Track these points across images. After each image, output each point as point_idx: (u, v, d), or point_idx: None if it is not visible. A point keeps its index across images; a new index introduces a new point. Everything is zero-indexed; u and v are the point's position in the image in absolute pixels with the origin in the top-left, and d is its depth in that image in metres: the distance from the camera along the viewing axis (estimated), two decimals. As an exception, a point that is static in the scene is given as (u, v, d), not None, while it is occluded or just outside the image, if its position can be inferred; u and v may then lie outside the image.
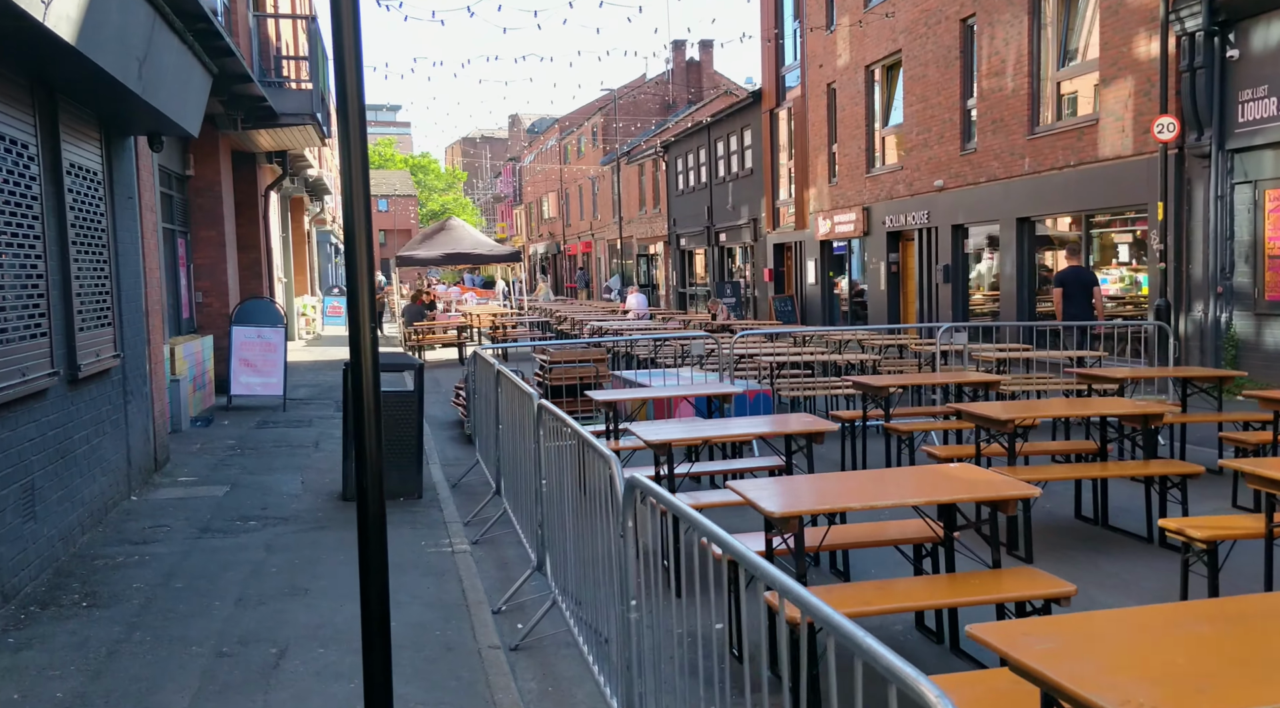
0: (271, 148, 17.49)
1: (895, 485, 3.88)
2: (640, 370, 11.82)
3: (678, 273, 35.90)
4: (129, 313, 7.33)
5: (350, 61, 2.75)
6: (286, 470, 8.39)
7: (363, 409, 2.94)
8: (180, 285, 13.22)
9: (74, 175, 6.13)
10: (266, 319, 12.94)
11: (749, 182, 28.00)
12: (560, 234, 57.77)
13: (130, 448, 7.22)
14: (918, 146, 18.13)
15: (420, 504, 7.14)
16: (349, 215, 2.90)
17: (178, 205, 13.24)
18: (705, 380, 9.61)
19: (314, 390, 15.05)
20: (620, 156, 41.53)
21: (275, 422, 11.52)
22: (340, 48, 2.76)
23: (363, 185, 2.91)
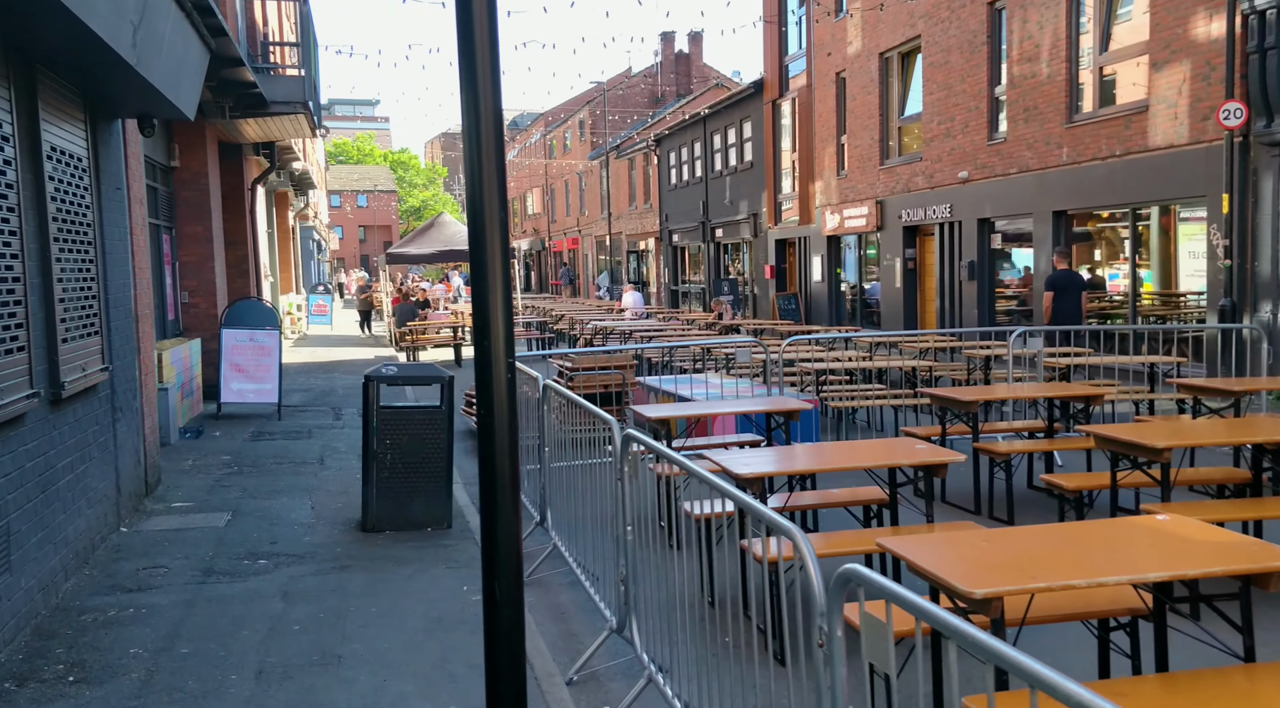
0: (258, 139, 16.52)
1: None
2: (665, 377, 11.03)
3: (670, 270, 35.11)
4: (117, 319, 6.44)
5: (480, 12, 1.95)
6: (293, 493, 7.53)
7: (494, 447, 2.13)
8: (165, 285, 12.27)
9: (56, 161, 5.25)
10: (259, 321, 12.03)
11: (748, 175, 27.25)
12: (545, 230, 56.80)
13: (120, 473, 6.34)
14: (938, 137, 17.44)
15: (451, 536, 6.31)
16: (476, 197, 2.10)
17: (162, 199, 12.28)
18: (750, 391, 8.83)
19: (308, 396, 14.14)
20: (610, 151, 40.68)
21: (272, 433, 10.62)
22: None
23: (495, 161, 2.10)
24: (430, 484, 6.47)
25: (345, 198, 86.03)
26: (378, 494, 6.38)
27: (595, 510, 4.81)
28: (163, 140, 12.38)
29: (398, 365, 6.61)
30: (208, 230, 13.17)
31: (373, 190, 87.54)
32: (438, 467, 6.49)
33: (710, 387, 9.36)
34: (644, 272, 39.60)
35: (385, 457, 6.39)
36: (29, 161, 4.88)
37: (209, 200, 13.17)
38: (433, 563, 5.69)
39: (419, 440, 6.45)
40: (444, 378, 6.56)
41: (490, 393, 2.16)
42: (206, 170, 13.15)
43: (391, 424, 6.40)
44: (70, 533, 5.24)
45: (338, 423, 11.56)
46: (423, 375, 6.68)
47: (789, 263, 25.50)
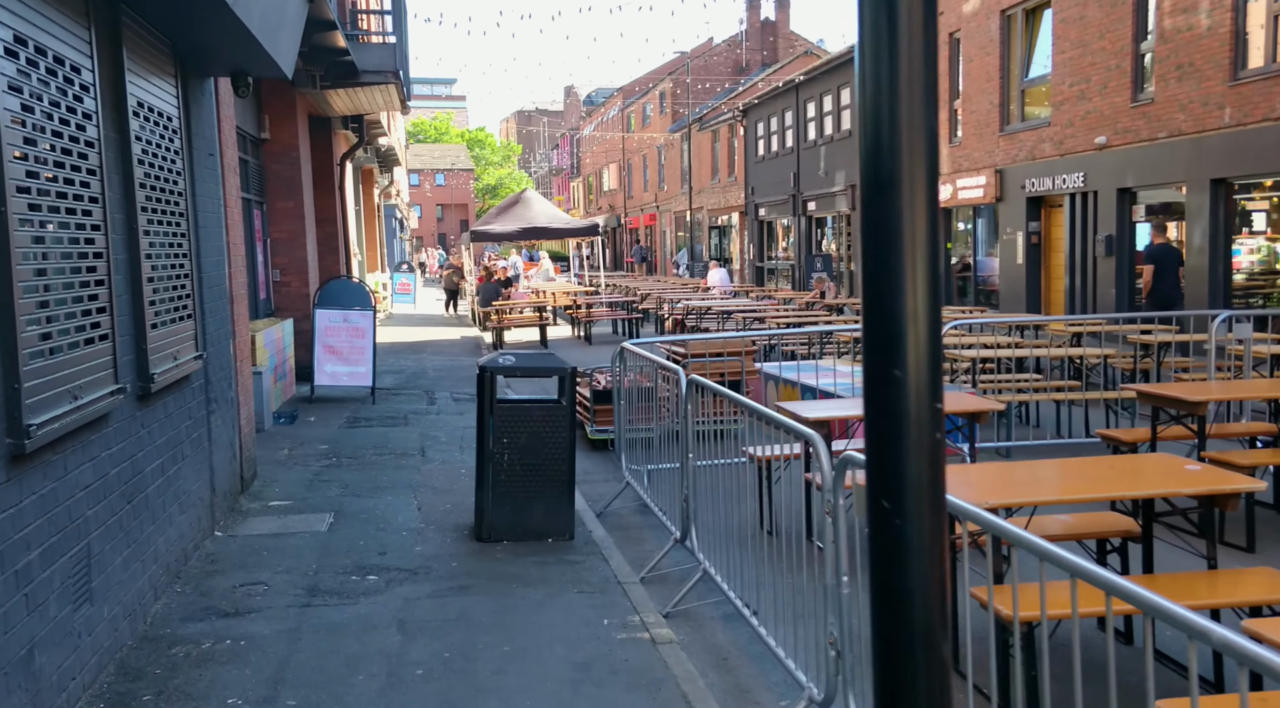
0: (346, 111, 16.01)
1: None
2: (786, 363, 10.08)
3: (755, 246, 33.93)
4: (211, 300, 5.81)
5: None
6: (396, 490, 6.86)
7: (911, 578, 1.20)
8: (257, 262, 11.81)
9: (144, 119, 4.57)
10: (352, 301, 11.47)
11: (847, 145, 25.88)
12: (621, 206, 55.98)
13: (214, 471, 5.72)
14: (1070, 99, 15.95)
15: (575, 550, 5.53)
16: (880, 121, 1.21)
17: (253, 172, 11.80)
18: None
19: (399, 378, 13.62)
20: (692, 122, 39.51)
21: (368, 418, 10.05)
22: None
23: (921, 52, 1.20)
24: (551, 489, 5.70)
25: (424, 176, 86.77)
26: (494, 499, 5.64)
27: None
28: (253, 110, 11.88)
29: (514, 354, 5.83)
30: (299, 206, 12.68)
31: (450, 169, 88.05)
32: (559, 469, 5.71)
33: (840, 376, 8.40)
34: (727, 248, 38.48)
35: (502, 458, 5.64)
36: (113, 117, 4.20)
37: (300, 174, 12.66)
38: (562, 586, 4.91)
39: (539, 439, 5.67)
40: (565, 369, 5.76)
41: (902, 475, 1.14)
42: (298, 143, 12.63)
43: (509, 421, 5.64)
44: (160, 545, 4.61)
45: (432, 408, 10.95)
46: (544, 366, 5.89)
47: (889, 239, 24.12)
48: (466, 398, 11.79)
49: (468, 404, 11.25)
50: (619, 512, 6.58)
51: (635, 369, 7.14)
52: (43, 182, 3.38)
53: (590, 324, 19.24)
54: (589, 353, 17.16)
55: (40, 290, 3.32)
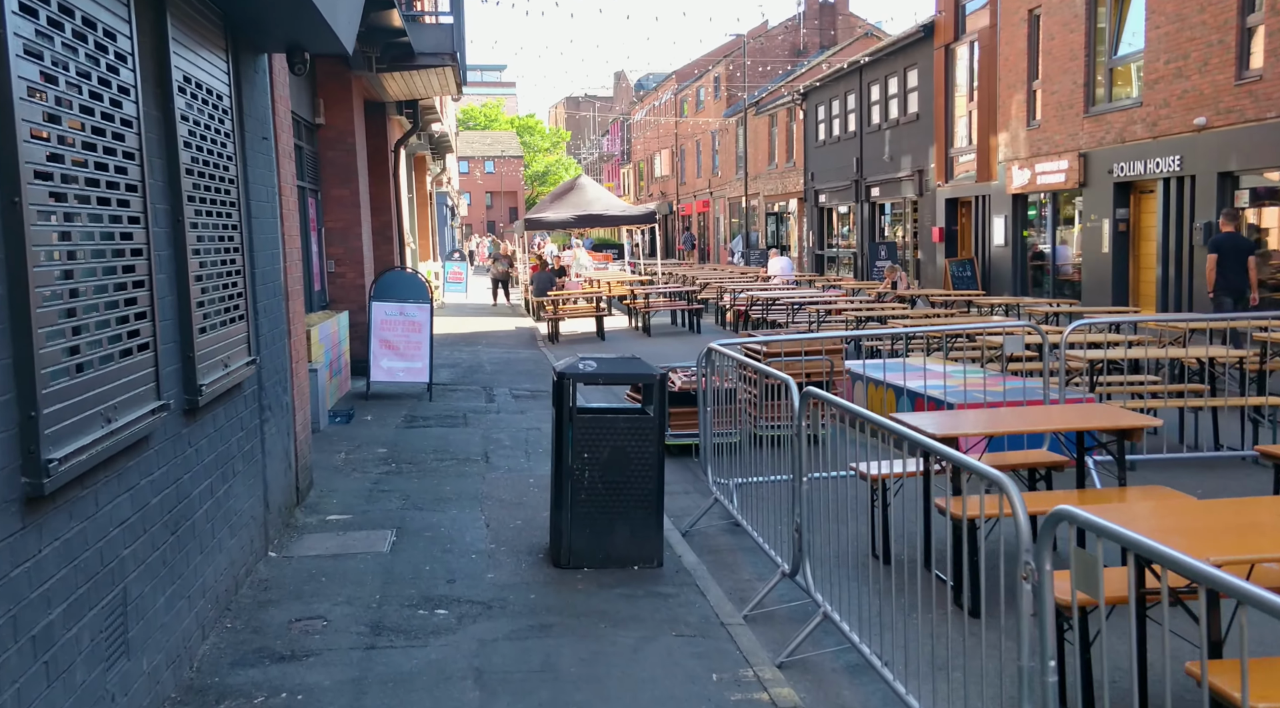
0: (400, 96, 15.55)
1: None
2: (870, 362, 9.36)
3: (814, 233, 32.98)
4: (265, 297, 5.30)
5: None
6: (462, 502, 6.33)
7: None
8: (312, 253, 11.41)
9: (190, 96, 4.05)
10: (409, 293, 11.00)
11: (913, 129, 24.83)
12: (673, 193, 55.19)
13: (268, 485, 5.23)
14: (1165, 78, 14.86)
15: (665, 580, 4.93)
16: None
17: (307, 158, 11.38)
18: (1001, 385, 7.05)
19: (455, 372, 13.16)
20: (749, 106, 38.57)
21: (426, 417, 9.57)
22: None
23: None
24: (637, 511, 5.10)
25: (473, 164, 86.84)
26: (573, 521, 5.06)
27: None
28: (307, 94, 11.45)
29: (596, 360, 5.23)
30: (354, 194, 12.25)
31: (500, 156, 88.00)
32: (646, 488, 5.10)
33: (933, 376, 7.68)
34: (784, 235, 37.55)
35: (583, 475, 5.05)
36: (155, 93, 3.67)
37: (355, 161, 12.22)
38: (657, 627, 4.31)
39: (623, 455, 5.07)
40: (653, 376, 5.15)
41: None
42: (353, 128, 12.19)
43: (591, 433, 5.05)
44: (209, 576, 4.11)
45: (491, 406, 10.44)
46: (629, 373, 5.28)
47: (961, 225, 23.10)
48: (526, 395, 11.28)
49: (528, 402, 10.73)
50: (707, 531, 5.96)
51: (725, 372, 6.52)
52: (69, 166, 2.85)
53: (649, 315, 18.63)
54: (649, 346, 16.56)
55: (66, 296, 2.79)
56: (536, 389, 11.71)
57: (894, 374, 8.37)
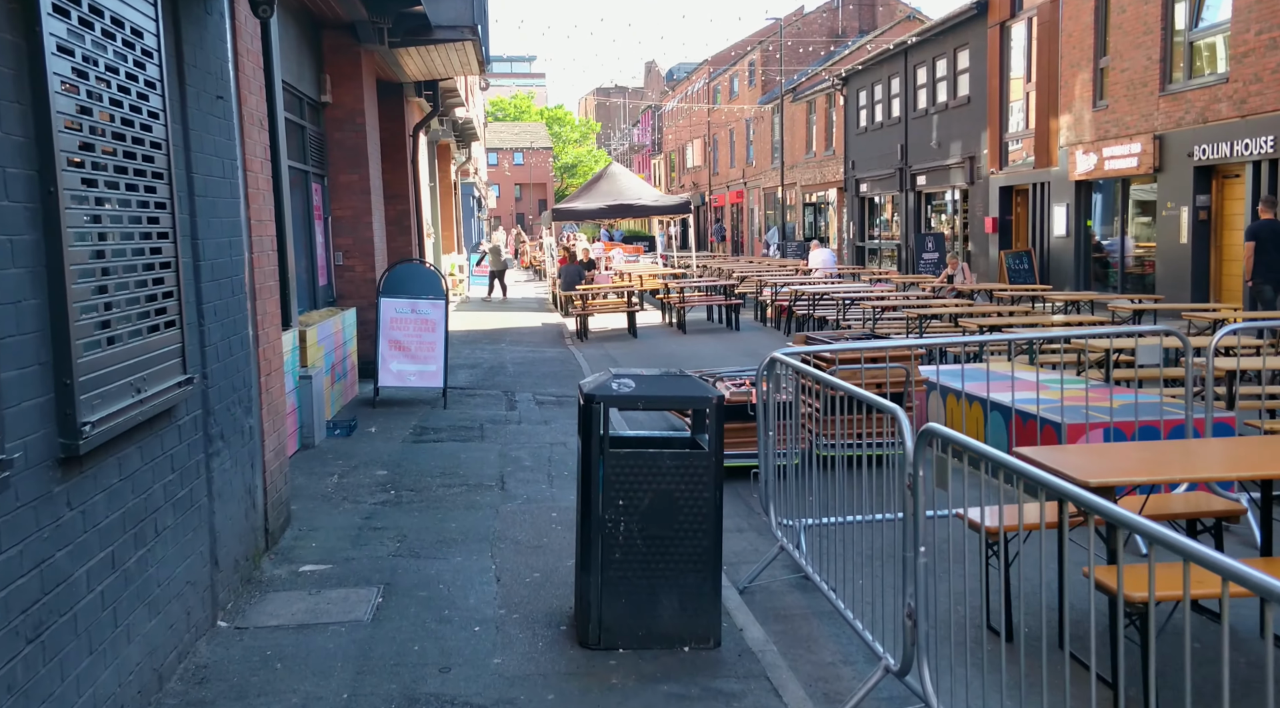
0: (420, 76, 14.47)
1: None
2: (945, 368, 8.10)
3: (855, 224, 31.54)
4: (213, 297, 4.18)
5: None
6: (469, 545, 5.20)
7: None
8: (316, 244, 10.36)
9: (80, 23, 2.92)
10: (422, 288, 9.91)
11: (964, 113, 23.36)
12: (706, 183, 53.83)
13: (218, 536, 4.13)
14: (1257, 50, 13.37)
15: (725, 665, 3.76)
16: None
17: (311, 140, 10.32)
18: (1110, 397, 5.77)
19: (475, 374, 12.06)
20: (785, 93, 37.13)
21: (437, 429, 8.47)
22: None
23: None
24: (688, 574, 3.93)
25: (502, 155, 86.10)
26: (605, 587, 3.90)
27: None
28: (311, 68, 10.38)
29: (634, 377, 4.06)
30: (364, 179, 11.18)
31: (529, 147, 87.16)
32: (700, 546, 3.93)
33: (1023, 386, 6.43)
34: (823, 227, 36.12)
35: (618, 527, 3.89)
36: (14, 10, 2.55)
37: (366, 144, 11.14)
38: (720, 749, 3.14)
39: (670, 502, 3.91)
40: (709, 398, 3.97)
41: None
42: (363, 108, 11.10)
43: (629, 475, 3.89)
44: (106, 684, 3.00)
45: (512, 415, 9.33)
46: (678, 395, 4.10)
47: (1016, 214, 21.63)
48: (551, 401, 10.15)
49: (553, 410, 9.61)
50: (771, 588, 4.78)
51: (783, 382, 5.33)
52: None
53: (684, 311, 17.43)
54: (685, 344, 15.38)
55: None
56: (563, 395, 10.58)
57: (976, 384, 7.13)
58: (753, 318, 18.90)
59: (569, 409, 9.64)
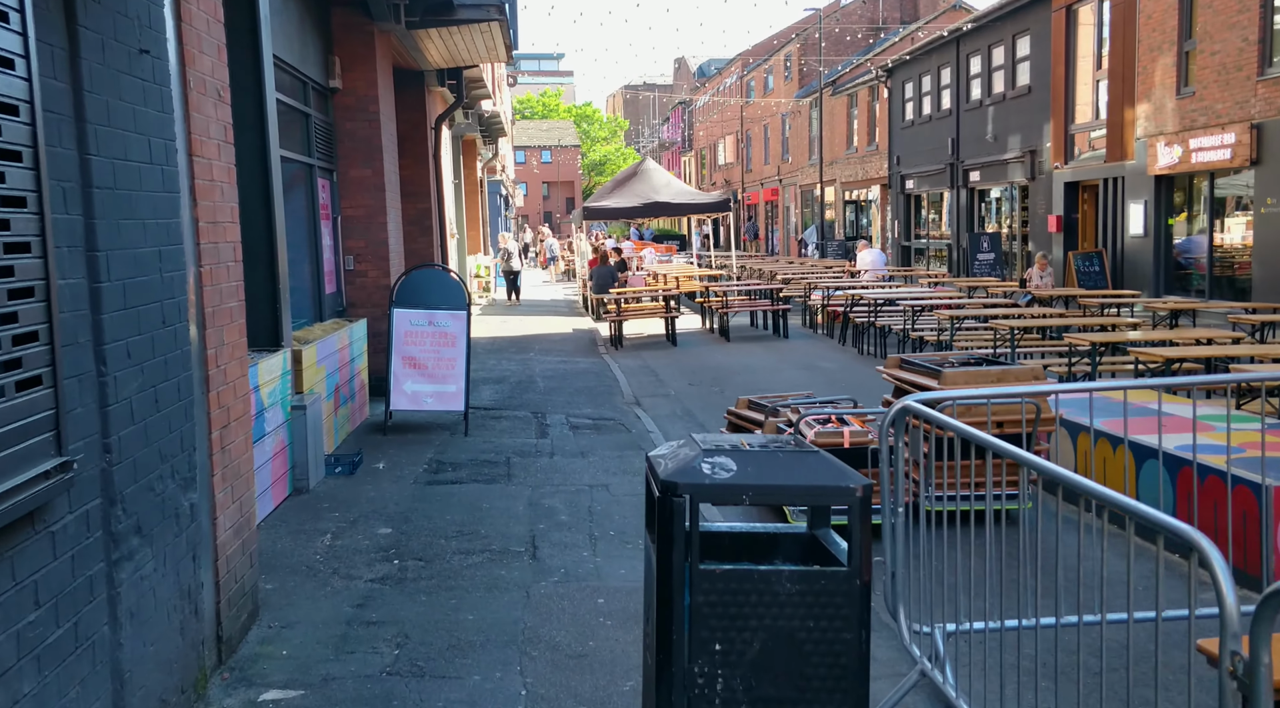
0: (442, 63, 13.26)
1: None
2: (1069, 391, 6.70)
3: (900, 223, 29.99)
4: (125, 333, 2.93)
5: None
6: (488, 653, 3.92)
7: None
8: (322, 246, 9.16)
9: None
10: (441, 297, 8.66)
11: (1023, 104, 21.80)
12: (738, 181, 52.36)
13: (127, 679, 2.87)
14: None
15: None
16: None
17: (317, 130, 9.11)
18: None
19: (500, 390, 10.81)
20: (825, 86, 35.61)
21: (456, 465, 7.22)
22: None
23: None
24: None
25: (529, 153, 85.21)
26: (689, 768, 2.59)
27: None
28: (317, 48, 9.17)
29: (733, 452, 2.75)
30: (378, 174, 9.95)
31: (557, 145, 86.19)
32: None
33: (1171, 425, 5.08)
34: (864, 226, 34.57)
35: (712, 687, 2.59)
36: None
37: (380, 135, 9.92)
38: None
39: (791, 646, 2.60)
40: (850, 489, 2.65)
41: None
42: (377, 94, 9.88)
43: (728, 605, 2.58)
44: None
45: (543, 444, 8.07)
46: (803, 484, 2.76)
47: (1083, 212, 20.04)
48: (587, 425, 8.88)
49: (590, 437, 8.34)
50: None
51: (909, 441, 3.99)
52: None
53: (727, 316, 16.09)
54: (731, 354, 14.04)
55: None
56: (600, 417, 9.31)
57: (1110, 420, 5.74)
58: (800, 323, 17.52)
59: (608, 437, 8.37)
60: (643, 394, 10.95)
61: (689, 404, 10.32)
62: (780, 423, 6.31)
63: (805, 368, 12.48)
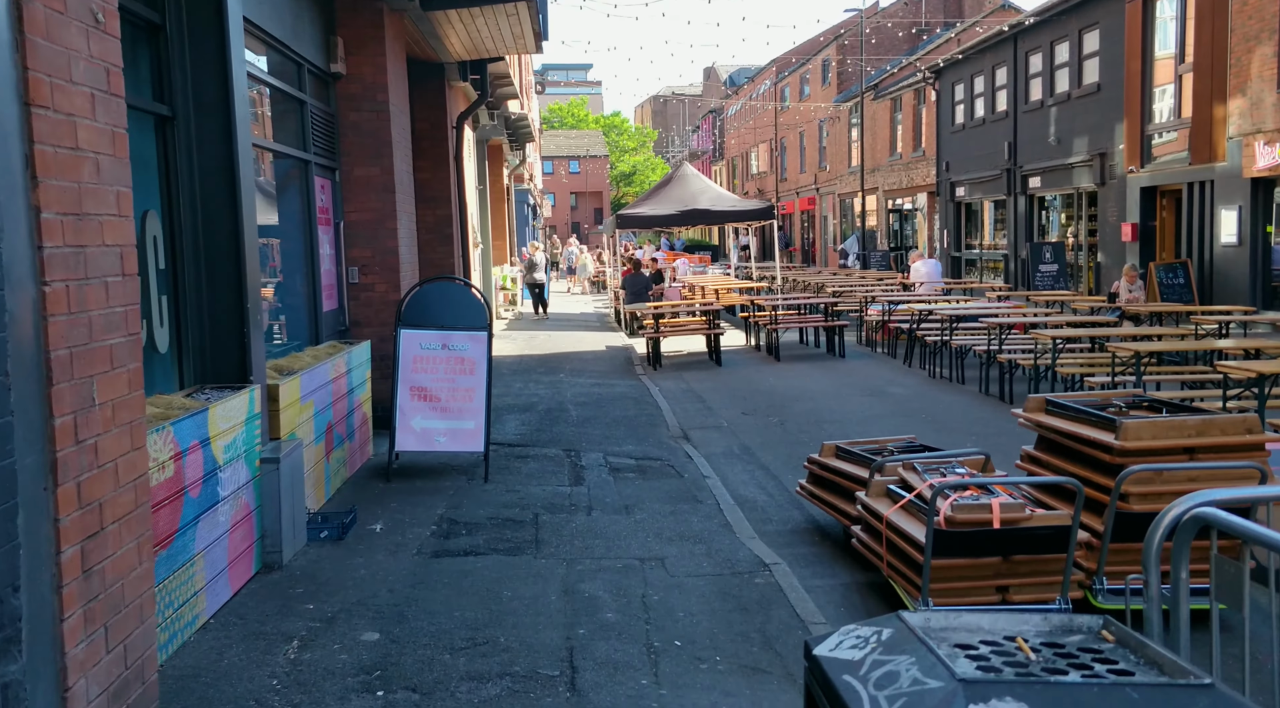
0: (464, 54, 11.95)
1: None
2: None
3: (950, 232, 28.32)
4: None
5: None
6: None
7: None
8: (320, 256, 7.83)
9: None
10: (459, 316, 7.28)
11: (1092, 103, 20.15)
12: (772, 190, 50.80)
13: None
14: None
15: None
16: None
17: (316, 121, 7.79)
18: None
19: (526, 420, 9.39)
20: (867, 90, 34.05)
21: (471, 526, 5.80)
22: None
23: None
24: None
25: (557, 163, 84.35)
26: None
27: None
28: (315, 27, 7.86)
29: (1017, 681, 1.28)
30: (387, 173, 8.61)
31: (585, 155, 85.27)
32: None
33: None
34: (909, 235, 32.90)
35: None
36: None
37: (389, 128, 8.58)
38: None
39: None
40: None
41: None
42: (386, 82, 8.55)
43: None
44: None
45: (579, 493, 6.65)
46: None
47: (1161, 219, 18.34)
48: (630, 467, 7.46)
49: (635, 484, 6.91)
50: None
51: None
52: None
53: (776, 333, 14.61)
54: (783, 376, 12.55)
55: None
56: (644, 456, 7.89)
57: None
58: (855, 340, 15.99)
59: (656, 483, 6.95)
60: (691, 425, 9.51)
61: (746, 439, 8.86)
62: (892, 484, 4.84)
63: (872, 394, 10.97)
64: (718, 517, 6.17)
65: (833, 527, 6.04)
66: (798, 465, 7.79)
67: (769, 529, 6.12)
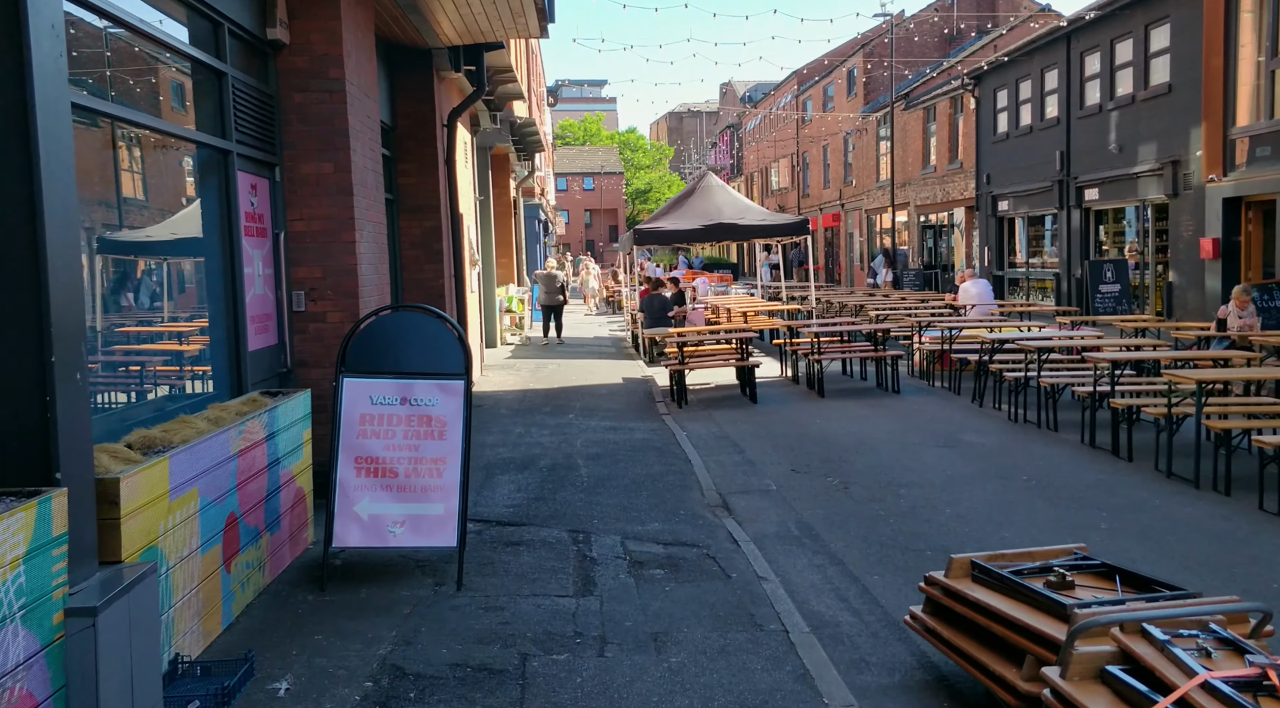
0: (456, 38, 10.07)
1: None
2: None
3: (991, 249, 26.27)
4: None
5: None
6: None
7: None
8: (242, 277, 5.91)
9: None
10: (427, 357, 5.33)
11: (1161, 106, 18.13)
12: (794, 206, 48.87)
13: None
14: None
15: None
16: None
17: (240, 99, 5.89)
18: None
19: (524, 484, 7.39)
20: (897, 99, 32.13)
21: (427, 685, 3.82)
22: None
23: None
24: None
25: (571, 180, 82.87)
26: None
27: None
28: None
29: None
30: (343, 171, 6.70)
31: (599, 172, 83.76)
32: None
33: None
34: (944, 253, 30.85)
35: None
36: None
37: (345, 113, 6.67)
38: None
39: None
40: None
41: None
42: (341, 54, 6.66)
43: None
44: None
45: (587, 610, 4.69)
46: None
47: (1248, 234, 16.25)
48: (656, 561, 5.48)
49: (664, 591, 4.93)
50: None
51: None
52: None
53: (820, 365, 12.61)
54: (832, 417, 10.50)
55: None
56: (675, 539, 5.95)
57: None
58: (905, 372, 13.96)
59: (693, 590, 4.99)
60: (730, 488, 7.53)
61: (803, 511, 6.85)
62: (1111, 665, 2.83)
63: (947, 445, 8.95)
64: (790, 659, 4.20)
65: (963, 679, 4.05)
66: (882, 559, 5.77)
67: (867, 681, 4.13)
